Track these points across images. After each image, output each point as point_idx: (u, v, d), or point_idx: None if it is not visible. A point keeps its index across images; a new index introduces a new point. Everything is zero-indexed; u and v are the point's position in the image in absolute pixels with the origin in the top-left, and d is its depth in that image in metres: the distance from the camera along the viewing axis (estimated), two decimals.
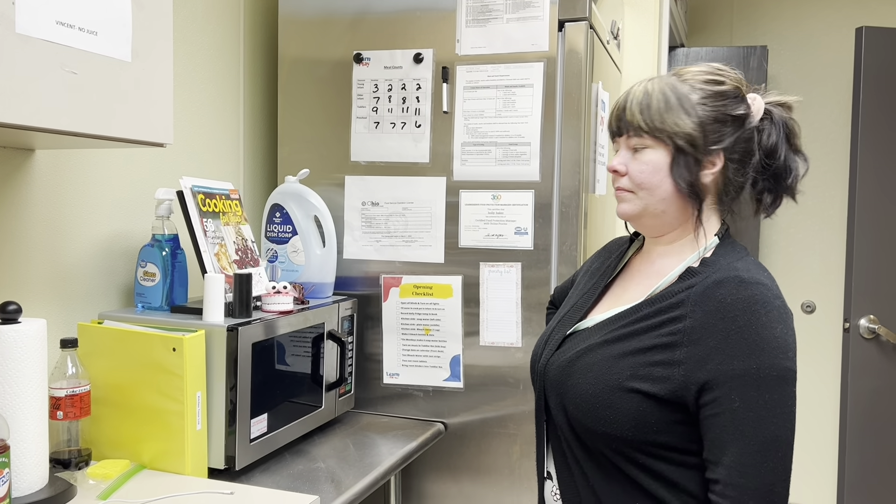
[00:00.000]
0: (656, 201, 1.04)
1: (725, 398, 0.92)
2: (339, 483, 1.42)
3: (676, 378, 0.95)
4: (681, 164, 1.02)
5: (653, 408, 0.96)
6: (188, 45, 1.80)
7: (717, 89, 1.03)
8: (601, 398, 0.99)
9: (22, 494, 1.18)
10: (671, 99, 1.02)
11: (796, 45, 3.47)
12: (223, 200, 1.63)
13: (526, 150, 1.74)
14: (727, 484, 0.92)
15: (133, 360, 1.37)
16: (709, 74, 1.05)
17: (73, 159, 1.50)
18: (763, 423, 0.91)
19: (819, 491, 3.49)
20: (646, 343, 0.99)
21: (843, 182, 3.42)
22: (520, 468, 1.78)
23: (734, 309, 0.94)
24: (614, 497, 1.01)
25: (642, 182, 1.04)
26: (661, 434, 0.97)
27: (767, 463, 0.91)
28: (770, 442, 0.91)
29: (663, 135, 1.02)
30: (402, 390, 1.87)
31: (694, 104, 1.02)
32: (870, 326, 2.85)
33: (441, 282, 1.82)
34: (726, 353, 0.93)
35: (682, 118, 1.01)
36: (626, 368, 0.98)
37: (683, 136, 1.01)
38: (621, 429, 0.98)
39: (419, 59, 1.81)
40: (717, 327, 0.94)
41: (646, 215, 1.06)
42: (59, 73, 1.02)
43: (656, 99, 1.03)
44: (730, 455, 0.92)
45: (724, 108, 1.03)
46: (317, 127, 1.92)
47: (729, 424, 0.92)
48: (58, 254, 1.47)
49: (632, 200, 1.06)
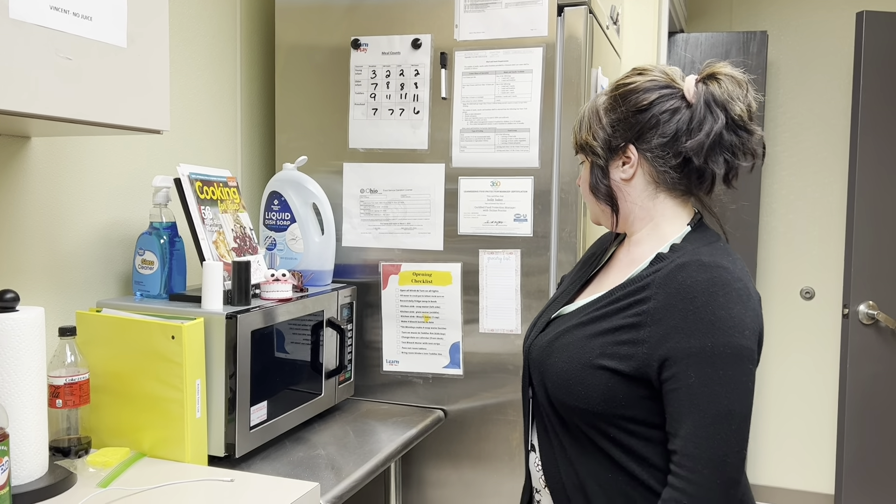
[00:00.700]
0: (598, 209, 1.18)
1: (683, 374, 0.98)
2: (339, 470, 1.42)
3: (640, 356, 1.01)
4: (595, 173, 1.15)
5: (620, 384, 1.03)
6: (184, 32, 1.78)
7: (624, 90, 1.10)
8: (574, 375, 1.06)
9: (22, 483, 1.18)
10: (585, 115, 1.15)
11: (797, 30, 3.45)
12: (221, 188, 1.62)
13: (525, 136, 1.73)
14: (683, 454, 0.97)
15: (132, 349, 1.37)
16: (624, 77, 1.12)
17: (70, 147, 1.49)
18: (717, 398, 0.96)
19: (818, 476, 3.50)
20: (614, 324, 1.05)
21: (843, 168, 3.41)
22: (519, 454, 1.78)
23: (693, 290, 0.99)
24: (589, 468, 1.08)
25: (584, 194, 1.20)
26: (628, 408, 1.03)
27: (720, 435, 0.96)
28: (723, 415, 0.96)
29: (583, 151, 1.16)
30: (401, 377, 1.87)
31: (601, 114, 1.13)
32: (869, 312, 2.86)
33: (440, 269, 1.81)
34: (684, 332, 0.98)
35: (595, 130, 1.13)
36: (596, 347, 1.05)
37: (590, 148, 1.14)
38: (593, 403, 1.04)
39: (417, 45, 1.80)
40: (677, 308, 0.99)
41: (601, 219, 1.19)
42: (53, 59, 1.01)
43: (579, 118, 1.17)
44: (685, 427, 0.97)
45: (631, 104, 1.09)
46: (315, 114, 1.91)
47: (685, 399, 0.98)
48: (55, 242, 1.47)
49: (590, 209, 1.20)
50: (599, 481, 1.07)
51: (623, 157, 1.11)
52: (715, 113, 1.06)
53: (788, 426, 3.54)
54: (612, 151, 1.12)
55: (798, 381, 3.52)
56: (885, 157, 2.88)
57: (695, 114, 1.06)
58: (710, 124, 1.06)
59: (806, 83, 3.45)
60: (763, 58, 3.15)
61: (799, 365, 3.52)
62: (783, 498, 3.55)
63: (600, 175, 1.14)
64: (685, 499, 0.96)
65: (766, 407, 3.57)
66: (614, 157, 1.12)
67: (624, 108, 1.09)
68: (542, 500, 1.17)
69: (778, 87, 3.48)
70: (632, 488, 1.05)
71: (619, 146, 1.11)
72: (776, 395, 3.55)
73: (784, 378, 3.53)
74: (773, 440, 3.56)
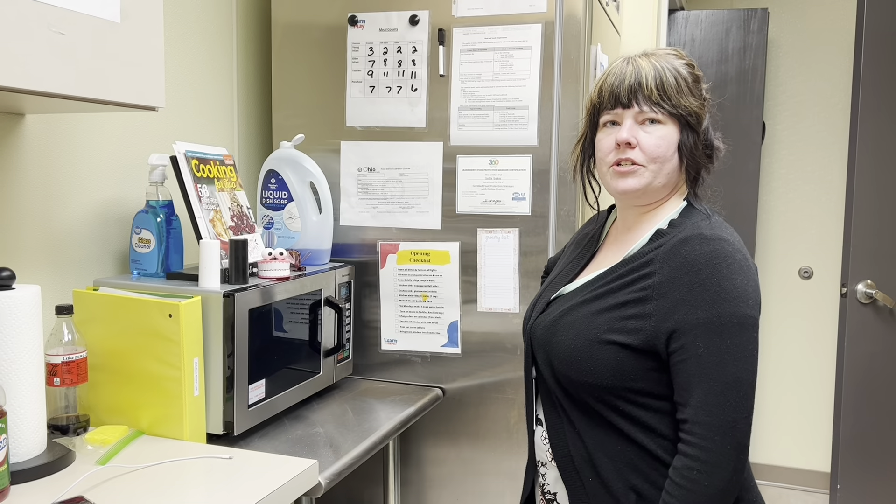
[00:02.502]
0: (664, 174, 1.10)
1: (691, 345, 1.00)
2: (337, 448, 1.42)
3: (648, 329, 1.03)
4: (688, 139, 1.10)
5: (629, 357, 1.05)
6: (179, 8, 1.76)
7: (698, 73, 1.14)
8: (582, 351, 1.07)
9: (20, 460, 1.18)
10: (681, 79, 1.10)
11: (797, 8, 3.42)
12: (217, 166, 1.61)
13: (524, 113, 1.72)
14: (694, 422, 1.00)
15: (129, 327, 1.37)
16: (680, 53, 1.15)
17: (65, 124, 1.48)
18: (725, 366, 0.99)
19: (814, 454, 3.52)
20: (620, 299, 1.07)
21: (843, 147, 3.40)
22: (518, 433, 1.79)
23: (697, 263, 1.02)
24: (597, 440, 1.10)
25: (658, 156, 1.09)
26: (637, 381, 1.05)
27: (730, 402, 0.99)
28: (732, 383, 0.99)
29: (677, 111, 1.09)
30: (400, 356, 1.87)
31: (690, 83, 1.12)
32: (867, 291, 2.86)
33: (438, 248, 1.81)
34: (691, 304, 1.01)
35: (690, 98, 1.10)
36: (603, 323, 1.07)
37: (693, 114, 1.10)
38: (601, 378, 1.06)
39: (415, 21, 1.78)
40: (683, 281, 1.02)
41: (649, 189, 1.11)
42: (45, 34, 1.00)
43: (671, 77, 1.09)
44: (696, 396, 1.00)
45: (702, 90, 1.14)
46: (311, 92, 1.89)
47: (694, 368, 1.00)
48: (51, 220, 1.46)
49: (642, 174, 1.10)
50: (608, 452, 1.09)
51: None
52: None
53: (785, 405, 3.55)
54: (701, 118, 1.12)
55: (796, 360, 3.53)
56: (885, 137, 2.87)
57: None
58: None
59: (807, 61, 3.42)
60: (763, 35, 3.13)
61: (797, 344, 3.52)
62: (780, 475, 3.58)
63: (694, 139, 1.11)
64: (698, 465, 0.99)
65: (763, 385, 3.58)
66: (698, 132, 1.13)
67: (702, 83, 1.14)
68: (547, 474, 1.18)
69: (778, 66, 3.46)
70: (639, 458, 1.07)
71: (704, 114, 1.13)
72: (774, 373, 3.56)
73: (782, 357, 3.55)
74: (770, 418, 3.58)
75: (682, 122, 1.10)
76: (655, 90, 1.08)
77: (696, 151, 1.11)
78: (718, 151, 1.15)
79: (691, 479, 1.00)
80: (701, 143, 1.12)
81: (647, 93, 1.08)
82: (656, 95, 1.08)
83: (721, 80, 3.18)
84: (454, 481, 1.85)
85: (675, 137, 1.10)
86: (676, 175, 1.13)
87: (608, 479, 1.09)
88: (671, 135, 1.10)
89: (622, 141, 1.09)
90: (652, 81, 1.09)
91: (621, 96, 1.10)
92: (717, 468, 0.99)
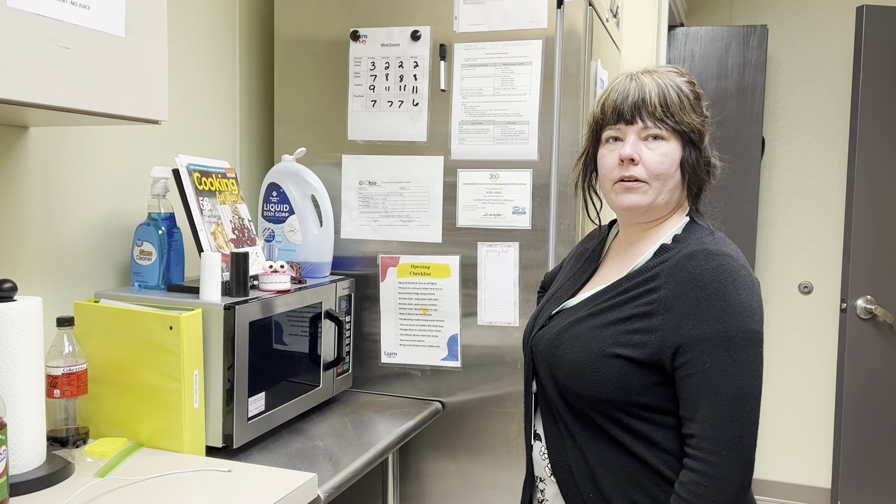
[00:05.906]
0: (667, 191, 1.11)
1: (698, 359, 1.01)
2: (336, 461, 1.42)
3: (654, 343, 1.04)
4: (690, 155, 1.11)
5: (634, 371, 1.05)
6: (182, 22, 1.78)
7: (699, 91, 1.15)
8: (587, 365, 1.07)
9: (20, 472, 1.18)
10: (683, 96, 1.11)
11: (797, 25, 3.45)
12: (219, 179, 1.62)
13: (524, 128, 1.73)
14: (701, 437, 1.00)
15: (130, 339, 1.37)
16: (680, 70, 1.16)
17: (68, 137, 1.49)
18: (732, 381, 1.00)
19: (815, 470, 3.51)
20: (626, 313, 1.07)
21: (842, 163, 3.41)
22: (517, 447, 1.79)
23: (703, 278, 1.02)
24: (599, 455, 1.10)
25: (661, 172, 1.10)
26: (642, 395, 1.05)
27: (737, 416, 0.99)
28: (739, 398, 0.99)
29: (680, 128, 1.10)
30: (399, 369, 1.87)
31: (693, 100, 1.12)
32: (867, 307, 2.86)
33: (439, 261, 1.81)
34: (697, 319, 1.01)
35: (692, 115, 1.11)
36: (608, 337, 1.07)
37: (696, 131, 1.11)
38: (606, 391, 1.06)
39: (416, 37, 1.79)
40: (689, 296, 1.02)
41: (653, 206, 1.11)
42: (51, 48, 1.01)
43: (674, 94, 1.10)
44: (703, 411, 1.00)
45: (703, 107, 1.15)
46: (313, 106, 1.90)
47: (701, 383, 1.00)
48: (53, 232, 1.46)
49: (646, 192, 1.10)
50: (609, 468, 1.09)
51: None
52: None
53: (786, 420, 3.54)
54: (703, 135, 1.14)
55: (796, 376, 3.53)
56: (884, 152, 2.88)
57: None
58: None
59: (806, 77, 3.44)
60: (763, 52, 3.15)
61: (797, 359, 3.52)
62: (780, 491, 3.56)
63: (696, 155, 1.12)
64: (706, 480, 0.99)
65: (764, 400, 3.57)
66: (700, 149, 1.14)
67: (702, 100, 1.15)
68: (546, 490, 1.18)
69: (778, 82, 3.48)
70: (641, 473, 1.07)
71: (706, 132, 1.14)
72: (774, 388, 3.56)
73: (782, 372, 3.54)
74: (770, 434, 3.57)
75: (684, 139, 1.11)
76: (659, 106, 1.09)
77: (698, 168, 1.12)
78: (716, 169, 1.16)
79: (698, 495, 1.00)
80: (703, 160, 1.13)
81: (650, 109, 1.09)
82: (660, 112, 1.09)
83: (721, 95, 3.20)
84: (453, 495, 1.84)
85: (678, 154, 1.10)
86: (679, 191, 1.13)
87: (609, 494, 1.08)
88: (674, 151, 1.10)
89: (626, 157, 1.09)
90: (655, 98, 1.09)
91: (625, 112, 1.10)
92: (725, 483, 0.99)
